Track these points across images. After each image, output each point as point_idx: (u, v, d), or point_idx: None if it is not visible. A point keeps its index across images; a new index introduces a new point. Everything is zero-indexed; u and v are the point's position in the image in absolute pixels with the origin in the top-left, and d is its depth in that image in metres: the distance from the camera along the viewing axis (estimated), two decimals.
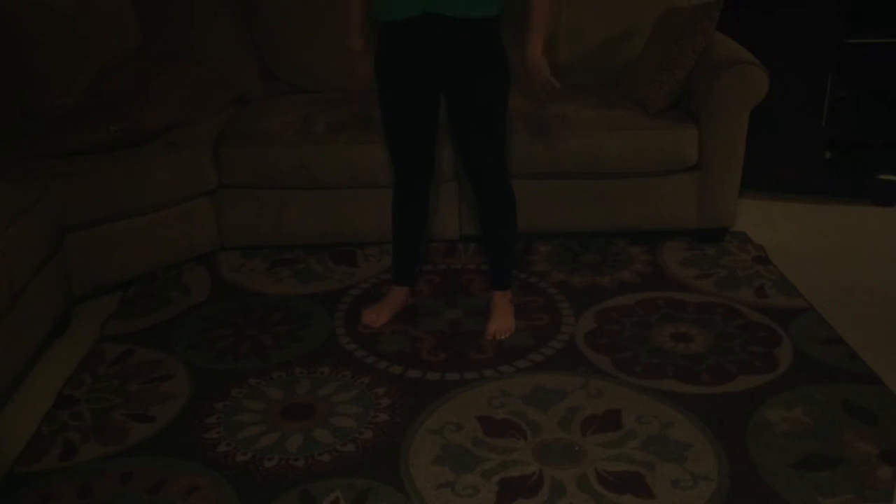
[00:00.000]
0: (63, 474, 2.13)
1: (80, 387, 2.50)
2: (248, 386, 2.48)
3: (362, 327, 2.76)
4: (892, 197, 3.62)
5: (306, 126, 3.21)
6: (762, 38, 3.29)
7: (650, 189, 3.18)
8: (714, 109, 3.07)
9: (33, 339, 2.55)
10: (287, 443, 2.22)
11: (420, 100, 2.53)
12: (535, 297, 2.93)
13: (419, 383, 2.46)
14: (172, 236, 3.11)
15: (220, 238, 3.26)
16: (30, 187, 2.66)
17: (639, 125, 3.13)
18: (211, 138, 3.19)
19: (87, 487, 2.08)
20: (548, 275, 3.08)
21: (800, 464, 2.07)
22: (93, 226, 2.89)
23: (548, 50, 3.55)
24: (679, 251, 3.24)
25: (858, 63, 3.49)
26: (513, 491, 2.02)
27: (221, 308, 2.93)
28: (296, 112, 3.32)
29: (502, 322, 2.71)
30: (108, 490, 2.07)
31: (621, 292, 2.95)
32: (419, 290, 2.98)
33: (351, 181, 3.16)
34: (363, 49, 2.61)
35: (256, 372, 2.55)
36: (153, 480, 2.10)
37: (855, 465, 2.06)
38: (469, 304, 2.89)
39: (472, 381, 2.46)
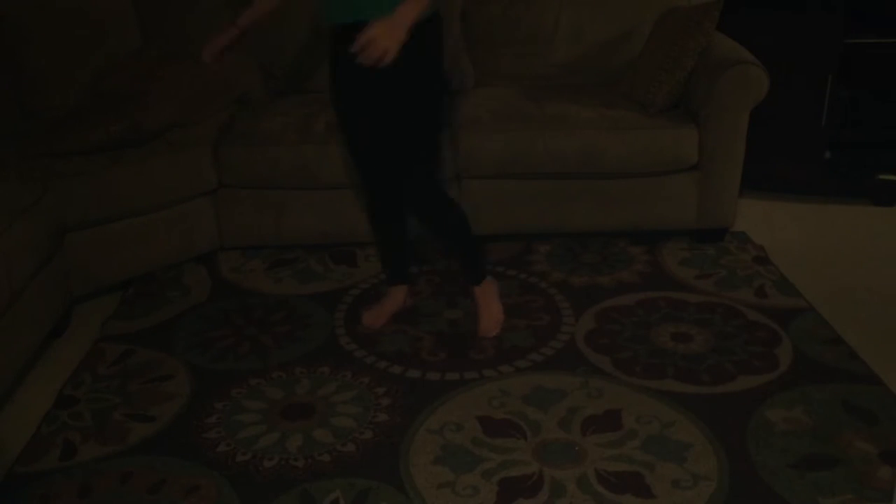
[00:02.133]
0: (63, 474, 2.13)
1: (80, 387, 2.50)
2: (248, 386, 2.48)
3: (363, 328, 2.76)
4: (892, 197, 3.62)
5: (306, 126, 3.21)
6: (762, 38, 3.29)
7: (650, 189, 3.18)
8: (714, 109, 3.07)
9: (33, 339, 2.55)
10: (287, 443, 2.22)
11: (362, 109, 2.38)
12: (535, 297, 2.93)
13: (419, 383, 2.46)
14: (172, 236, 3.11)
15: (220, 238, 3.26)
16: (30, 187, 2.66)
17: (639, 125, 3.13)
18: (211, 138, 3.19)
19: (87, 487, 2.08)
20: (548, 275, 3.08)
21: (800, 464, 2.08)
22: (93, 226, 2.89)
23: (547, 50, 3.60)
24: (679, 251, 3.24)
25: (858, 63, 3.49)
26: (513, 491, 2.02)
27: (221, 308, 2.93)
28: (296, 112, 3.32)
29: (489, 315, 2.69)
30: (108, 490, 2.07)
31: (621, 292, 2.94)
32: (419, 290, 2.98)
33: (351, 181, 3.16)
34: (235, 32, 2.52)
35: (256, 372, 2.55)
36: (153, 480, 2.10)
37: (855, 465, 2.06)
38: (469, 304, 2.88)
39: (472, 381, 2.46)
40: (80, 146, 2.93)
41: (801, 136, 3.61)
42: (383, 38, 2.11)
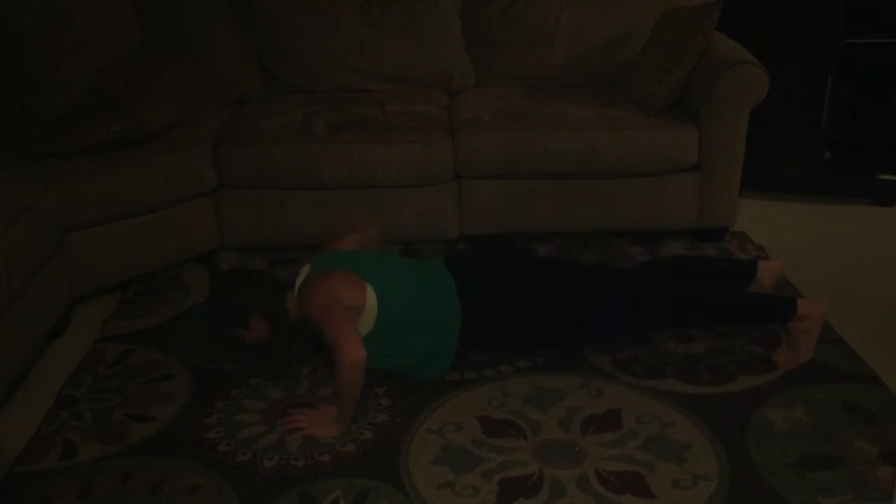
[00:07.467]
0: (63, 474, 2.13)
1: (80, 387, 2.50)
2: (248, 386, 2.48)
3: None
4: (892, 197, 3.62)
5: (306, 126, 3.21)
6: (762, 38, 3.29)
7: (650, 189, 3.17)
8: (714, 109, 3.07)
9: (33, 339, 2.55)
10: (287, 443, 2.22)
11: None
12: None
13: (419, 383, 2.46)
14: (172, 236, 3.11)
15: (220, 238, 3.26)
16: (30, 187, 2.66)
17: (639, 125, 3.13)
18: (211, 138, 3.19)
19: (87, 487, 2.08)
20: None
21: (800, 464, 2.07)
22: (93, 226, 2.89)
23: (547, 50, 3.60)
24: (679, 251, 3.23)
25: (858, 63, 3.49)
26: (513, 491, 2.02)
27: None
28: (296, 112, 3.32)
29: (794, 351, 2.47)
30: (108, 490, 2.07)
31: None
32: None
33: (351, 181, 3.16)
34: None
35: (257, 372, 2.55)
36: (153, 480, 2.10)
37: (855, 465, 2.06)
38: None
39: (472, 381, 2.46)
40: (80, 146, 2.93)
41: (801, 136, 3.61)
42: (318, 429, 2.26)
